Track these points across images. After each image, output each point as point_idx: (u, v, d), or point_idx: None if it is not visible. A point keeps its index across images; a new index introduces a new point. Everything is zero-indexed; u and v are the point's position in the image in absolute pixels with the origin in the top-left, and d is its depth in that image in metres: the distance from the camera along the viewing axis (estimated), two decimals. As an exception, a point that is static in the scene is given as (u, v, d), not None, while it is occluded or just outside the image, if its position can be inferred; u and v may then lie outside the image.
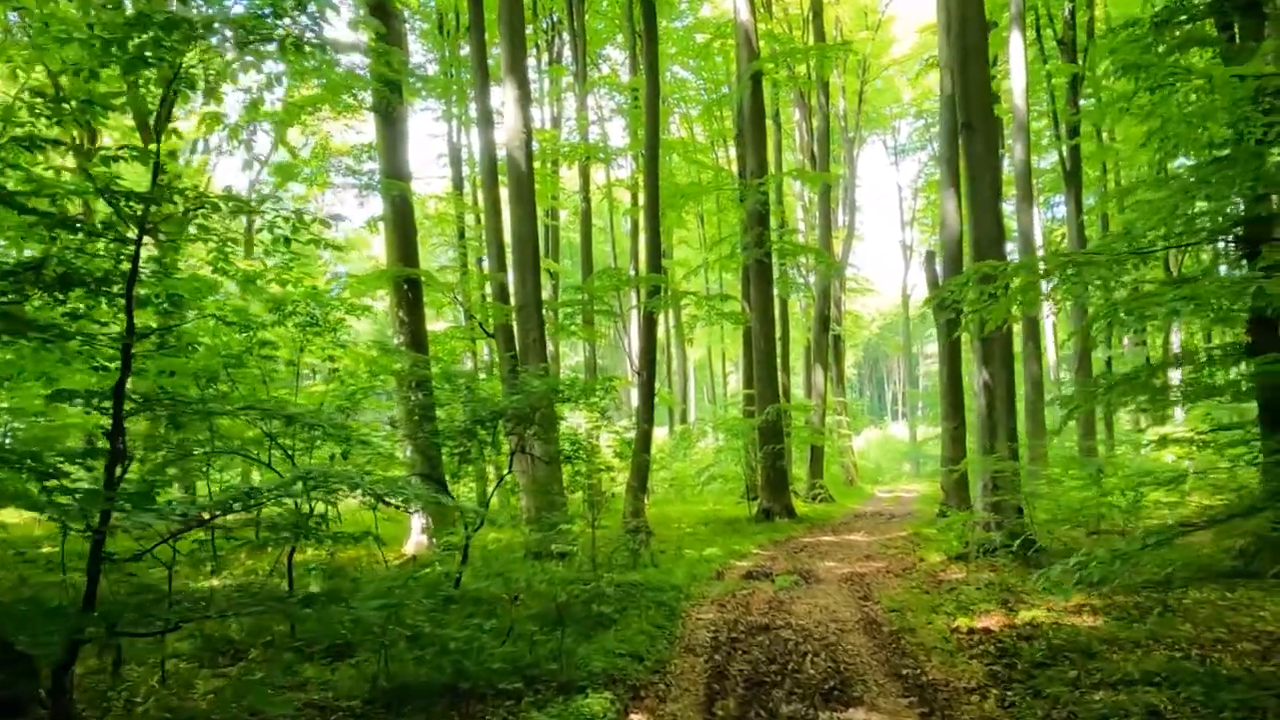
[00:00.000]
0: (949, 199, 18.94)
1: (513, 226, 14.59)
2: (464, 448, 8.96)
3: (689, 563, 13.63)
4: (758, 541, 17.06)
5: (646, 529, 15.61)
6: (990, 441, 12.77)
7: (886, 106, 40.30)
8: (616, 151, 29.50)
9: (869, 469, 37.90)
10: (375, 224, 16.18)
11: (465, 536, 9.17)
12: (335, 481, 5.26)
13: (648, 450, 17.35)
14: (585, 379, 10.39)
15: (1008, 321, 10.43)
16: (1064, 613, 9.04)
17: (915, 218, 44.61)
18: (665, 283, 17.88)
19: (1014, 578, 11.03)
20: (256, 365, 8.44)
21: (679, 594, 10.94)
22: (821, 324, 27.86)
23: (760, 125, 22.16)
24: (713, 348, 42.61)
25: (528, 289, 14.27)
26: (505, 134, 14.70)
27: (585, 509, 12.11)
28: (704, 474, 26.10)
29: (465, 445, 8.98)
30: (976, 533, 12.76)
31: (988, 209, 12.80)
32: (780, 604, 10.60)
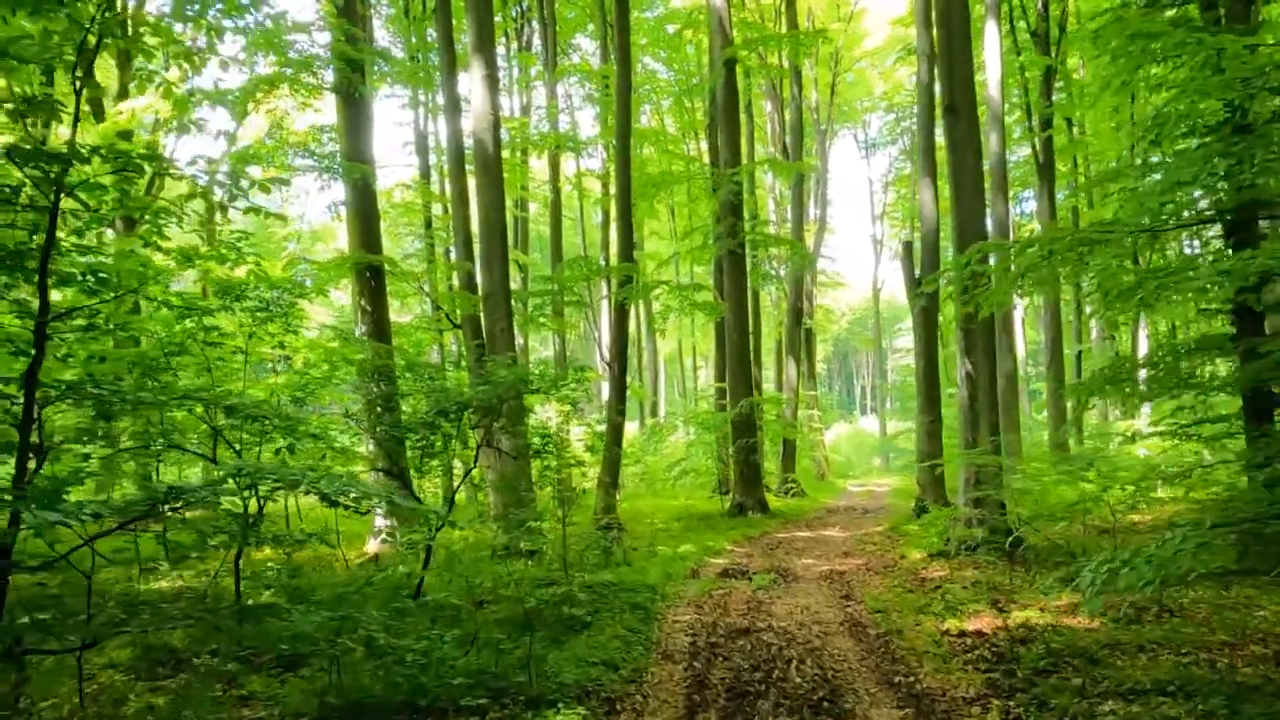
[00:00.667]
0: (926, 189, 18.52)
1: (480, 212, 13.93)
2: (427, 441, 8.35)
3: (663, 560, 13.08)
4: (732, 537, 16.55)
5: (619, 525, 15.04)
6: (972, 435, 12.32)
7: (858, 100, 39.92)
8: (588, 141, 28.87)
9: (840, 463, 37.58)
10: (336, 209, 15.41)
11: (427, 539, 8.54)
12: (270, 479, 4.64)
13: (620, 444, 16.78)
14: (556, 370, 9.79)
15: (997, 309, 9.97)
16: (1057, 614, 8.58)
17: (886, 212, 44.31)
18: (637, 273, 17.29)
19: (1000, 576, 10.58)
20: (201, 353, 7.75)
21: (654, 594, 10.38)
22: (794, 317, 27.41)
23: (734, 113, 21.62)
24: (683, 341, 42.07)
25: (495, 277, 13.63)
26: (472, 116, 14.04)
27: (555, 505, 11.51)
28: (676, 468, 25.56)
29: (428, 438, 8.36)
30: (958, 529, 12.31)
31: (971, 194, 12.34)
32: (760, 604, 10.07)
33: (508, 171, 28.56)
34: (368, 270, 14.39)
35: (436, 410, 8.12)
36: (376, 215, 14.90)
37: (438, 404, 8.15)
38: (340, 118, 14.80)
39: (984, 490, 11.95)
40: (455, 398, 8.16)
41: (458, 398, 8.16)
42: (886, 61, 38.05)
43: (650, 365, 37.26)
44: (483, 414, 8.44)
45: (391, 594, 8.88)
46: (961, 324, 12.29)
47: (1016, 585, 9.96)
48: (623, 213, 17.94)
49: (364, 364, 11.63)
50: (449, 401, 8.19)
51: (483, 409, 8.44)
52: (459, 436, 8.63)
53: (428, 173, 26.74)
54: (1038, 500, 12.36)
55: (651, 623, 9.08)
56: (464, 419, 8.79)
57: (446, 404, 8.20)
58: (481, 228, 13.86)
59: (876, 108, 41.32)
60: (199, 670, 7.28)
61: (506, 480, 12.71)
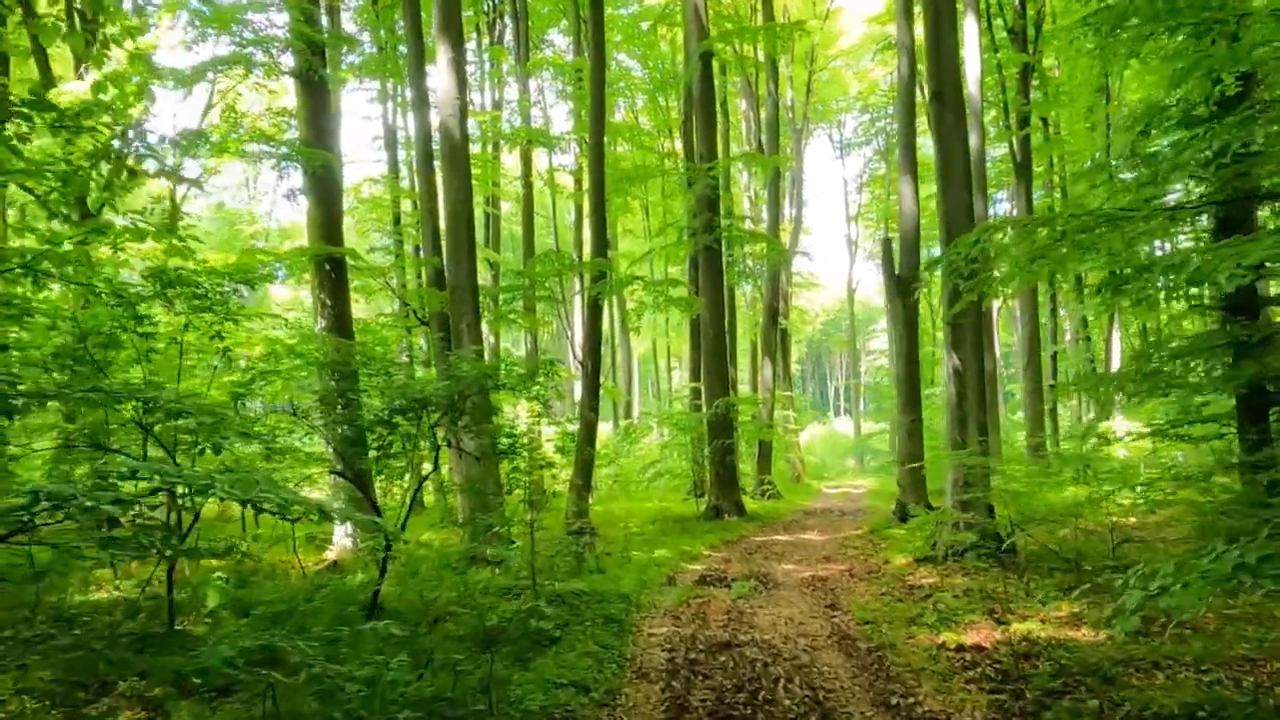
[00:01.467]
0: (906, 185, 17.95)
1: (446, 204, 13.18)
2: (384, 441, 7.61)
3: (638, 567, 12.39)
4: (709, 542, 15.89)
5: (591, 530, 14.33)
6: (960, 434, 11.73)
7: (833, 99, 39.44)
8: (560, 139, 28.13)
9: (814, 465, 37.06)
10: (295, 197, 14.59)
11: (383, 551, 7.81)
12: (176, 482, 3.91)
13: (593, 444, 16.06)
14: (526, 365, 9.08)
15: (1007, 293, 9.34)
16: (1060, 625, 7.98)
17: (861, 212, 43.88)
18: (611, 268, 16.59)
19: (993, 583, 9.96)
20: (133, 345, 6.97)
21: (628, 604, 9.68)
22: (770, 316, 26.81)
23: (710, 108, 20.99)
24: (657, 342, 41.40)
25: (462, 269, 12.88)
26: (438, 103, 13.27)
27: (524, 509, 10.78)
28: (650, 470, 24.87)
29: (385, 438, 7.63)
30: (945, 533, 11.70)
31: (958, 184, 11.76)
32: (741, 615, 9.40)
33: (479, 168, 27.84)
34: (328, 263, 13.60)
35: (392, 407, 7.38)
36: (339, 206, 14.09)
37: (394, 401, 7.41)
38: (300, 103, 13.99)
39: (973, 493, 11.36)
40: (413, 393, 7.43)
41: (416, 393, 7.42)
42: (863, 61, 37.61)
43: (624, 366, 36.54)
44: (445, 411, 7.71)
45: (342, 607, 8.16)
46: (949, 318, 11.70)
47: (1012, 594, 9.35)
48: (596, 208, 17.25)
49: (323, 360, 10.87)
50: (406, 398, 7.45)
51: (444, 406, 7.71)
52: (421, 435, 7.90)
53: (397, 168, 25.96)
54: (1024, 503, 11.77)
55: (626, 636, 8.38)
56: (425, 417, 8.05)
57: (403, 400, 7.46)
58: (448, 220, 13.11)
59: (851, 108, 40.88)
60: (124, 695, 6.52)
61: (472, 483, 11.98)
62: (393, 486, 14.14)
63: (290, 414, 7.76)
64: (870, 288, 53.34)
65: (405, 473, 8.07)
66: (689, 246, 21.58)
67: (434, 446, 7.85)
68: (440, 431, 8.05)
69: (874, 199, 42.88)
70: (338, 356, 10.03)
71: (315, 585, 10.45)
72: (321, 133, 13.89)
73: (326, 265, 13.64)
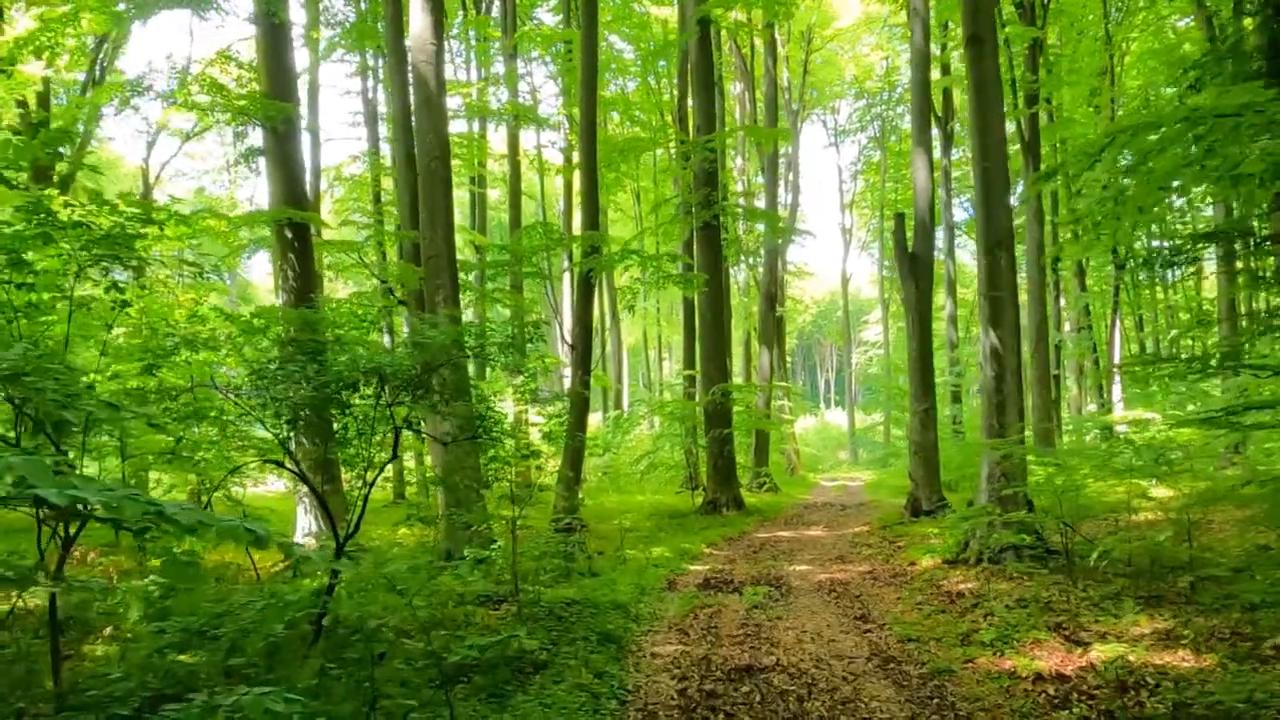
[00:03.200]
0: (920, 158, 16.47)
1: (420, 158, 11.59)
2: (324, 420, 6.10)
3: (634, 569, 10.88)
4: (708, 538, 14.40)
5: (581, 526, 12.81)
6: (998, 421, 10.24)
7: (828, 85, 37.91)
8: (549, 120, 26.51)
9: (809, 456, 35.61)
10: (253, 156, 12.98)
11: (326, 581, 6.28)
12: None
13: (583, 430, 14.49)
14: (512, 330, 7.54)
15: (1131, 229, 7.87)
16: (1150, 646, 6.48)
17: (855, 201, 42.42)
18: (603, 241, 15.03)
19: (1045, 590, 8.47)
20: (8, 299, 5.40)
21: (626, 616, 8.17)
22: (768, 301, 25.32)
23: (708, 77, 19.46)
24: (648, 331, 39.84)
25: (437, 236, 11.30)
26: (412, 43, 11.67)
27: (505, 505, 9.25)
28: (643, 461, 23.33)
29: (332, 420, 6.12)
30: (981, 532, 10.20)
31: (997, 136, 10.28)
32: (758, 628, 7.89)
33: (464, 147, 26.24)
34: (290, 229, 12.04)
35: (338, 382, 5.83)
36: (301, 164, 12.51)
37: (341, 375, 5.86)
38: (260, 51, 12.41)
39: (1015, 486, 9.90)
40: (363, 365, 5.89)
41: (366, 365, 5.88)
42: (860, 44, 36.10)
43: (614, 355, 34.95)
44: (407, 388, 6.17)
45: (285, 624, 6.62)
46: (986, 292, 10.20)
47: (1074, 604, 7.87)
48: (587, 180, 15.66)
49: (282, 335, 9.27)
50: (356, 370, 5.91)
51: (404, 381, 6.16)
52: (377, 417, 6.35)
53: (377, 145, 24.35)
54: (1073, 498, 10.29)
55: (626, 659, 6.85)
56: (383, 395, 6.50)
57: (352, 373, 5.92)
58: (422, 178, 11.53)
59: (845, 93, 39.37)
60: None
61: (448, 472, 10.45)
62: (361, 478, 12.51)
63: (222, 393, 6.20)
64: (863, 278, 51.94)
65: (363, 466, 6.51)
66: (684, 225, 20.07)
67: (393, 430, 6.31)
68: (402, 412, 6.51)
69: (869, 187, 41.40)
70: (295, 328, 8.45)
71: (263, 593, 8.90)
72: (283, 86, 12.32)
73: (288, 232, 12.09)
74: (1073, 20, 29.19)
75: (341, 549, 6.77)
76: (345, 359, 5.86)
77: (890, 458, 33.18)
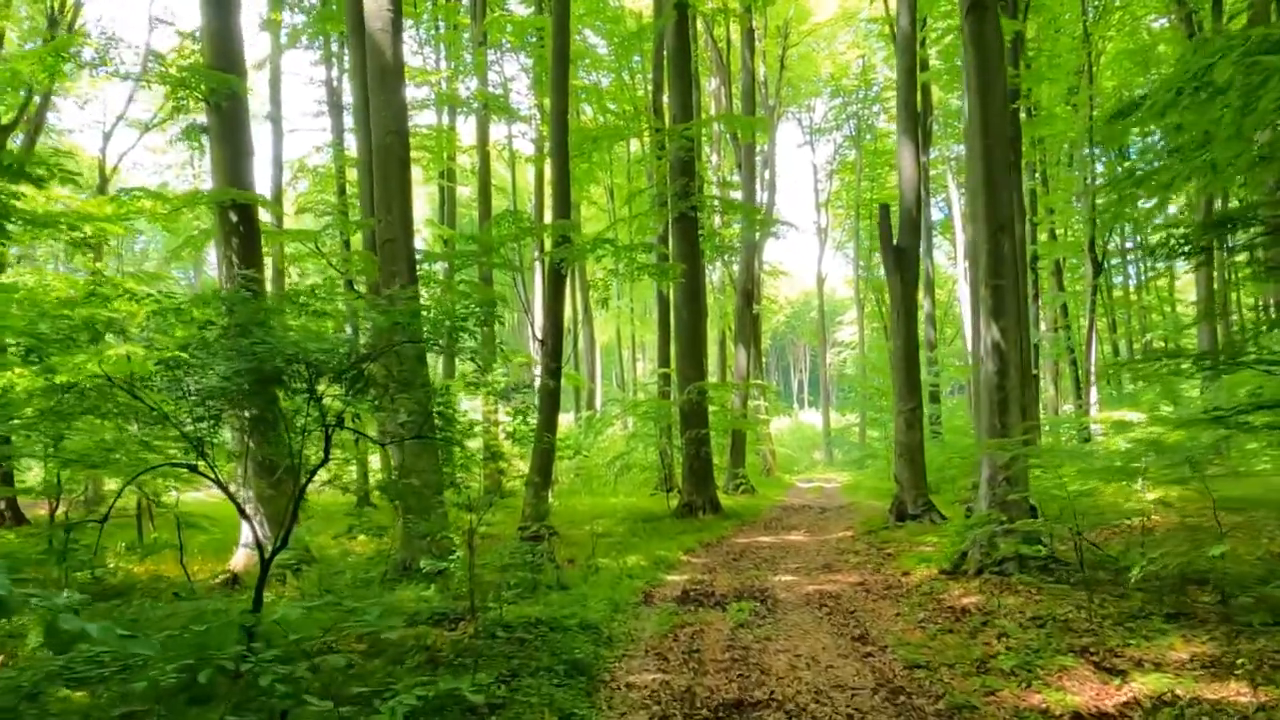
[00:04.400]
0: (906, 147, 15.64)
1: (376, 133, 10.56)
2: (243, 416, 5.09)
3: (608, 580, 9.92)
4: (685, 544, 13.47)
5: (551, 533, 11.80)
6: (1000, 420, 9.37)
7: (803, 83, 37.16)
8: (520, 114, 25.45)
9: (784, 457, 34.78)
10: (196, 134, 11.89)
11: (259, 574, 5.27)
12: None
13: (553, 431, 13.50)
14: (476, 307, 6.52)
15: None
16: (1194, 677, 5.61)
17: (830, 200, 41.67)
18: (575, 231, 14.05)
19: (1059, 605, 7.61)
20: None
21: (597, 639, 7.21)
22: (744, 298, 24.44)
23: (685, 64, 18.54)
24: (621, 330, 38.86)
25: (394, 218, 10.28)
26: (366, 11, 10.62)
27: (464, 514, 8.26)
28: (616, 463, 22.34)
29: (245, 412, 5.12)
30: (981, 540, 9.33)
31: (999, 111, 9.41)
32: (745, 652, 6.95)
33: (433, 139, 25.17)
34: (234, 211, 10.96)
35: (253, 375, 4.83)
36: (248, 143, 11.42)
37: (258, 362, 4.86)
38: (204, 18, 11.31)
39: (1019, 491, 9.04)
40: (285, 352, 4.89)
41: (289, 351, 4.88)
42: (836, 42, 35.39)
43: (587, 355, 33.93)
44: (335, 378, 5.17)
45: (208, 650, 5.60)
46: (989, 279, 9.33)
47: (1095, 623, 7.00)
48: (558, 166, 14.66)
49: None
50: (276, 357, 4.91)
51: (339, 370, 5.17)
52: (308, 414, 5.35)
53: (341, 135, 23.20)
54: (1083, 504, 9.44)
55: (597, 693, 5.89)
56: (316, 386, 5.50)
57: (271, 361, 4.91)
58: (377, 155, 10.50)
59: (821, 92, 38.63)
60: None
61: (403, 475, 9.45)
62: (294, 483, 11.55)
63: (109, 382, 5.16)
64: (838, 279, 51.32)
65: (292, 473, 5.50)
66: (659, 218, 19.14)
67: (323, 428, 5.31)
68: (335, 407, 5.50)
69: (844, 186, 40.69)
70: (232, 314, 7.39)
71: (190, 612, 7.85)
72: (228, 58, 11.23)
73: (232, 215, 11.01)
74: (1052, 17, 28.67)
75: (268, 566, 5.77)
76: (262, 347, 4.85)
77: (867, 459, 32.45)
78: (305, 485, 5.48)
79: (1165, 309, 38.47)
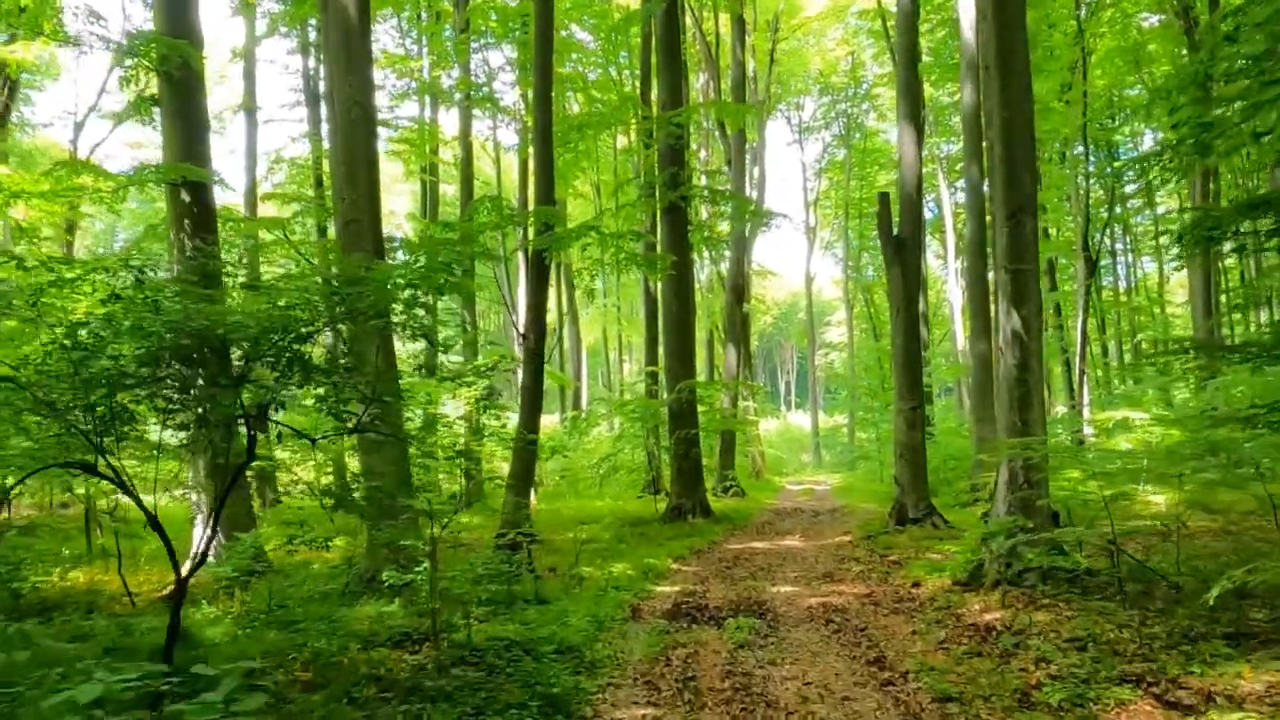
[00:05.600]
0: (907, 133, 14.78)
1: (339, 106, 9.57)
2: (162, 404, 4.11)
3: (591, 592, 8.98)
4: (674, 551, 12.54)
5: (531, 540, 10.83)
6: (1022, 417, 8.48)
7: (794, 78, 36.32)
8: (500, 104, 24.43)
9: (773, 459, 33.87)
10: (147, 106, 10.89)
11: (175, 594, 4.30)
12: None
13: (535, 430, 12.52)
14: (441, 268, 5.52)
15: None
16: (1275, 713, 4.70)
17: (819, 199, 40.86)
18: (559, 217, 13.11)
19: (1096, 624, 6.68)
20: None
21: (579, 665, 6.26)
22: (735, 295, 23.55)
23: (674, 51, 17.66)
24: (608, 329, 37.88)
25: (359, 196, 9.30)
26: (329, -30, 9.65)
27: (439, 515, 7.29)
28: (603, 465, 21.36)
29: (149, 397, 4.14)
30: (1000, 548, 8.42)
31: (1021, 77, 8.52)
32: (748, 680, 6.02)
33: (414, 132, 24.15)
34: (186, 190, 9.97)
35: (151, 355, 3.86)
36: (204, 117, 10.44)
37: (157, 343, 3.89)
38: (153, -19, 10.34)
39: (1042, 495, 8.16)
40: (196, 328, 3.92)
41: (201, 326, 3.91)
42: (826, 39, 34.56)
43: (572, 354, 32.94)
44: (256, 360, 4.20)
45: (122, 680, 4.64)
46: (1009, 263, 8.43)
47: (1144, 644, 6.09)
48: (542, 150, 13.68)
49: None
50: (188, 335, 3.95)
51: (254, 352, 4.20)
52: (224, 403, 4.39)
53: (318, 126, 22.11)
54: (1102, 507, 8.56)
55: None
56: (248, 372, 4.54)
57: (176, 339, 3.95)
58: (341, 128, 9.52)
59: (811, 89, 37.83)
60: None
61: (366, 476, 8.50)
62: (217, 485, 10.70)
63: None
64: (825, 279, 50.53)
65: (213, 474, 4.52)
66: (647, 209, 18.22)
67: (245, 420, 4.35)
68: (255, 396, 4.52)
69: (833, 185, 39.88)
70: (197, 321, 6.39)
71: (114, 632, 6.86)
72: (180, 24, 10.24)
73: (185, 195, 10.01)
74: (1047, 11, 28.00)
75: (185, 585, 4.80)
76: (161, 322, 3.88)
77: (858, 460, 31.60)
78: (229, 487, 4.52)
79: (1155, 310, 37.85)
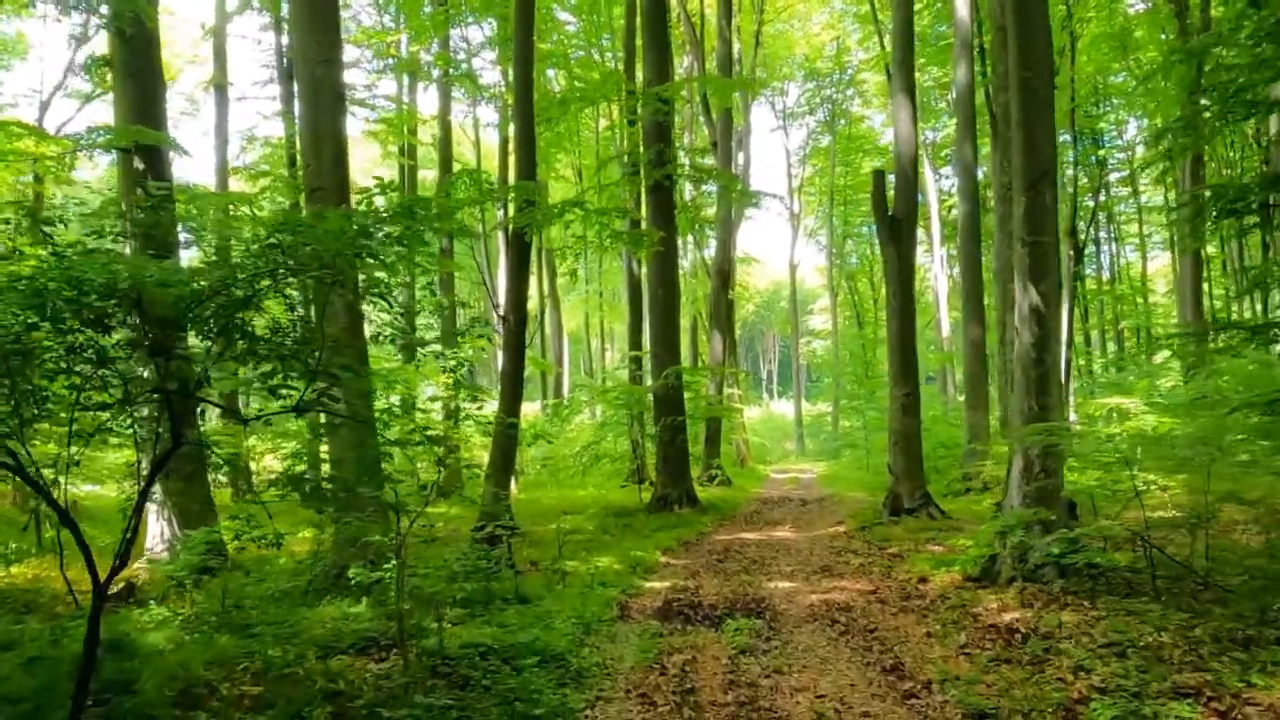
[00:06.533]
0: (903, 107, 14.12)
1: (302, 67, 8.77)
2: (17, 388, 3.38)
3: (576, 589, 8.29)
4: (662, 543, 11.87)
5: (512, 532, 10.12)
6: (1039, 401, 7.84)
7: (779, 63, 35.58)
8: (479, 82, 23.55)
9: (757, 447, 33.26)
10: (99, 67, 10.04)
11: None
12: None
13: (516, 416, 11.79)
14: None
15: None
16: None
17: (803, 185, 40.19)
18: (539, 195, 12.36)
19: (1129, 624, 6.04)
20: None
21: (564, 675, 5.56)
22: (720, 279, 22.86)
23: (660, 24, 16.87)
24: (590, 316, 37.08)
25: (325, 163, 8.52)
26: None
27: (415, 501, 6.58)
28: (585, 453, 20.65)
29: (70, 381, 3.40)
30: (1015, 539, 7.78)
31: (1041, 36, 7.87)
32: (753, 692, 5.35)
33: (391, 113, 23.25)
34: (140, 156, 9.14)
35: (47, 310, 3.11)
36: (159, 77, 9.60)
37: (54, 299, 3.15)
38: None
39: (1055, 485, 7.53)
40: (101, 284, 3.17)
41: (101, 281, 3.16)
42: (811, 23, 33.89)
43: (554, 340, 32.15)
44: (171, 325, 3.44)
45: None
46: (1027, 234, 7.77)
47: (1190, 648, 5.46)
48: (522, 128, 12.87)
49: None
50: (94, 291, 3.20)
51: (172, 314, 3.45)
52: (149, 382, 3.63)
53: (292, 102, 21.18)
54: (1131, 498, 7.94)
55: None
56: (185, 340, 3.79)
57: (91, 298, 3.20)
58: (305, 90, 8.73)
59: (795, 74, 37.11)
60: None
61: (334, 464, 7.76)
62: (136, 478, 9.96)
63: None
64: (808, 267, 49.96)
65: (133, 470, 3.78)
66: (632, 188, 17.50)
67: (165, 398, 3.62)
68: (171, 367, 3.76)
69: (818, 172, 39.23)
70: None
71: (42, 639, 6.10)
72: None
73: (139, 162, 9.17)
74: None
75: (104, 590, 4.08)
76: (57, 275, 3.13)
77: (842, 448, 31.06)
78: (153, 476, 3.78)
79: (1137, 299, 37.47)
